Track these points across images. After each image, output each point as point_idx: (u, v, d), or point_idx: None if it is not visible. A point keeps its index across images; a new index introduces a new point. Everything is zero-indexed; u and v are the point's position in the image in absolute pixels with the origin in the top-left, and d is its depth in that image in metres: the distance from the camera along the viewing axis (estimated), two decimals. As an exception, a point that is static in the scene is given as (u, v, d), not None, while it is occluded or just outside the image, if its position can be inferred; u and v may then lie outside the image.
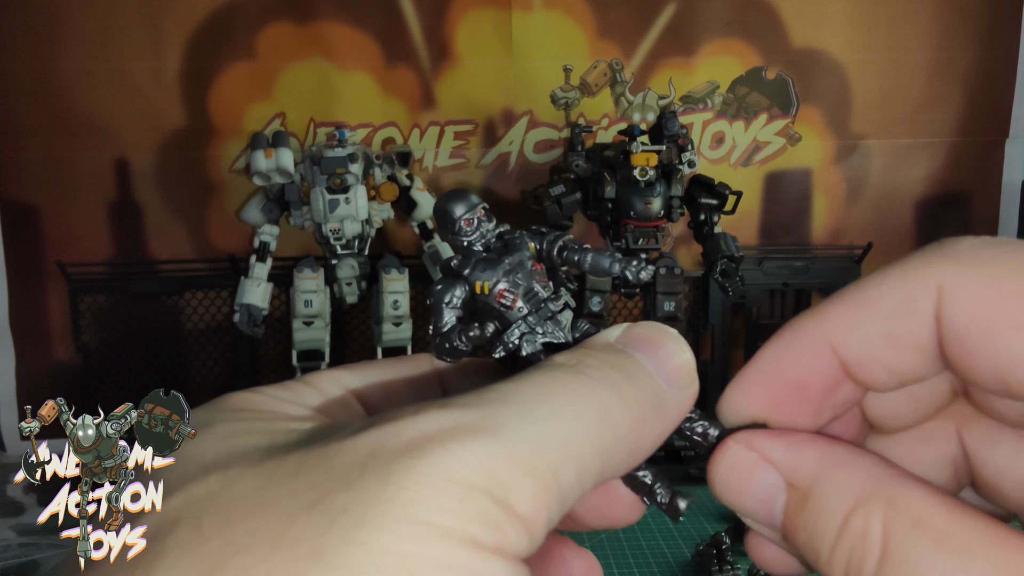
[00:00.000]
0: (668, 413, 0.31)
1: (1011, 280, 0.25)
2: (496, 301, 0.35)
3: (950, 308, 0.26)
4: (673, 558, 1.07)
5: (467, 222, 0.35)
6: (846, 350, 0.29)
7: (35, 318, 1.55)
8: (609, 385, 0.29)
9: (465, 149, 1.59)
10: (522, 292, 0.35)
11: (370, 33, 1.53)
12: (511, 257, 0.35)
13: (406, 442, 0.24)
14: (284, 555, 0.22)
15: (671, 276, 1.36)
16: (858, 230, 1.66)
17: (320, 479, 0.23)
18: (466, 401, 0.26)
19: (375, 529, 0.22)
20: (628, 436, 0.29)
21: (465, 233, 0.36)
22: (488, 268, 0.35)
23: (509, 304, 0.35)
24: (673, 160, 1.31)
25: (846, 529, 0.27)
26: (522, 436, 0.25)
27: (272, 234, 1.38)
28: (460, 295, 0.35)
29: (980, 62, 1.63)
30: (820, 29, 1.60)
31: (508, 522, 0.24)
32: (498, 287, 0.35)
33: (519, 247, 0.36)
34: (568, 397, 0.28)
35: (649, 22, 1.58)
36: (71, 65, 1.48)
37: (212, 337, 1.58)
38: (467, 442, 0.24)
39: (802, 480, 0.29)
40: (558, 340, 0.35)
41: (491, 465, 0.24)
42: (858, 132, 1.64)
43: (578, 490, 0.27)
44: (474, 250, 0.36)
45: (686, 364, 0.32)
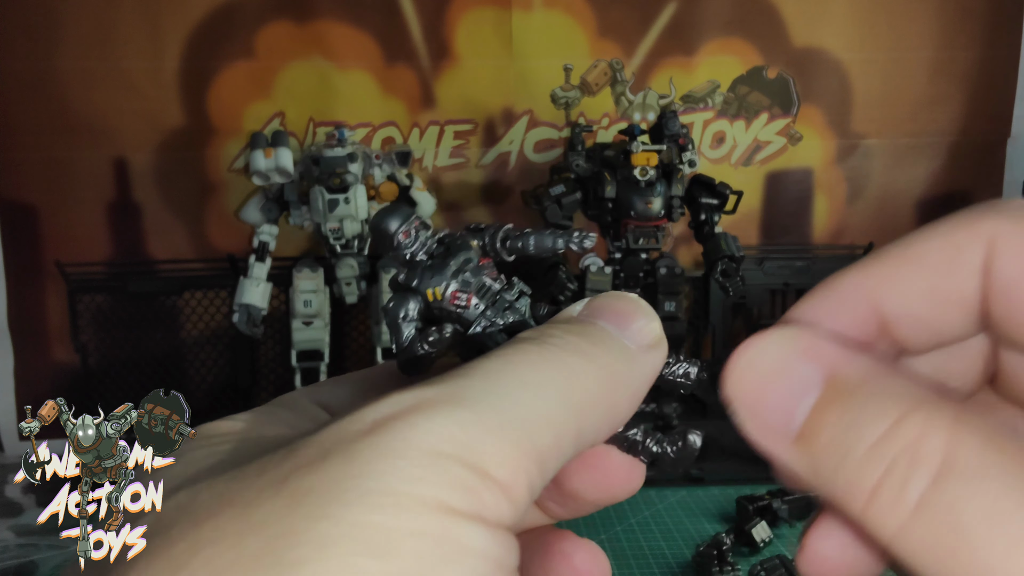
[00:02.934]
0: (640, 370, 0.30)
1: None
2: (451, 304, 0.35)
3: (1001, 261, 0.25)
4: (673, 558, 1.06)
5: (404, 234, 0.35)
6: (887, 304, 0.28)
7: (34, 318, 1.55)
8: (574, 350, 0.28)
9: (465, 149, 1.59)
10: (474, 290, 0.35)
11: (370, 32, 1.53)
12: (456, 259, 0.35)
13: (370, 423, 0.24)
14: (252, 541, 0.21)
15: (671, 276, 1.36)
16: (859, 230, 1.66)
17: (283, 470, 0.23)
18: (429, 381, 0.26)
19: (343, 504, 0.21)
20: (601, 395, 0.28)
21: (405, 246, 0.35)
22: (436, 274, 0.35)
23: (464, 304, 0.35)
24: (674, 160, 1.31)
25: (895, 431, 0.23)
26: (490, 404, 0.25)
27: (271, 234, 1.38)
28: (414, 307, 0.35)
29: (981, 61, 1.63)
30: (821, 28, 1.60)
31: (485, 487, 0.23)
32: (449, 290, 0.35)
33: (462, 247, 0.36)
34: (534, 365, 0.27)
35: (649, 21, 1.58)
36: (70, 64, 1.48)
37: (211, 337, 1.58)
38: (432, 414, 0.24)
39: (852, 374, 0.26)
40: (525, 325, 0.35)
41: (460, 433, 0.24)
42: (859, 131, 1.64)
43: (556, 454, 0.26)
44: (417, 260, 0.36)
45: (649, 323, 0.31)
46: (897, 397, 0.24)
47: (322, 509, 0.21)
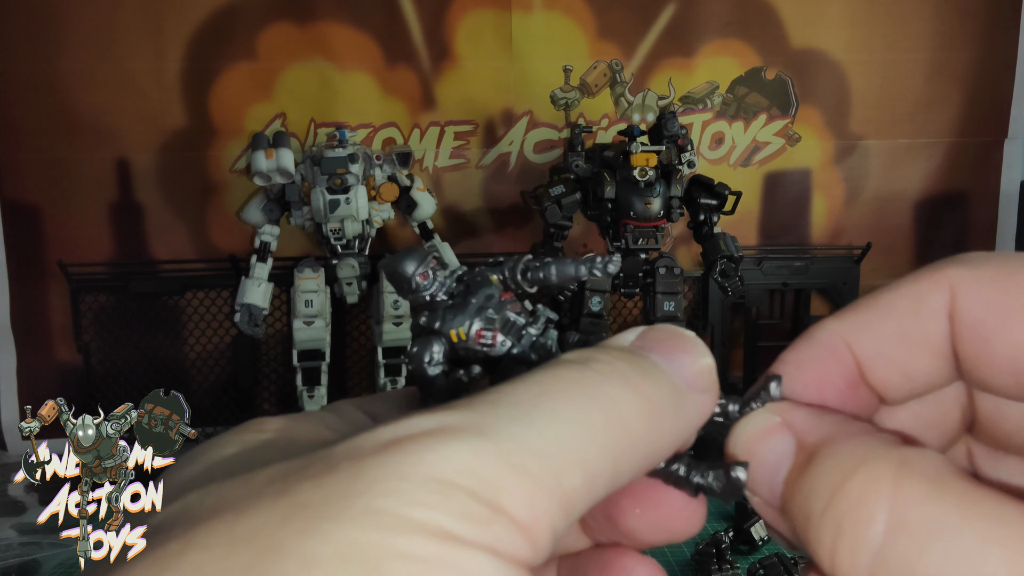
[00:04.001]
0: (687, 413, 0.29)
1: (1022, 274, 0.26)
2: (476, 343, 0.33)
3: (963, 301, 0.27)
4: (673, 558, 1.07)
5: (422, 276, 0.34)
6: (860, 347, 0.29)
7: (36, 318, 1.55)
8: (620, 380, 0.27)
9: (465, 149, 1.60)
10: (499, 326, 0.34)
11: (370, 34, 1.54)
12: (477, 296, 0.34)
13: (384, 443, 0.23)
14: (240, 550, 0.21)
15: (671, 276, 1.36)
16: (857, 230, 1.66)
17: (288, 482, 0.23)
18: (454, 404, 0.25)
19: (338, 521, 0.21)
20: (642, 436, 0.26)
21: (424, 288, 0.34)
22: (458, 314, 0.34)
23: (490, 342, 0.33)
24: (673, 160, 1.31)
25: (841, 492, 0.24)
26: (514, 437, 0.23)
27: (273, 234, 1.38)
28: (439, 350, 0.34)
29: (979, 62, 1.63)
30: (819, 30, 1.60)
31: (499, 523, 0.22)
32: (474, 329, 0.33)
33: (482, 283, 0.35)
34: (570, 395, 0.25)
35: (649, 23, 1.58)
36: (73, 66, 1.48)
37: (213, 337, 1.58)
38: (450, 442, 0.23)
39: (811, 438, 0.27)
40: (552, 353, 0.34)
41: (477, 465, 0.23)
42: (857, 132, 1.65)
43: (587, 496, 0.25)
44: (438, 301, 0.34)
45: (706, 366, 0.30)
46: (845, 457, 0.25)
47: (315, 524, 0.21)
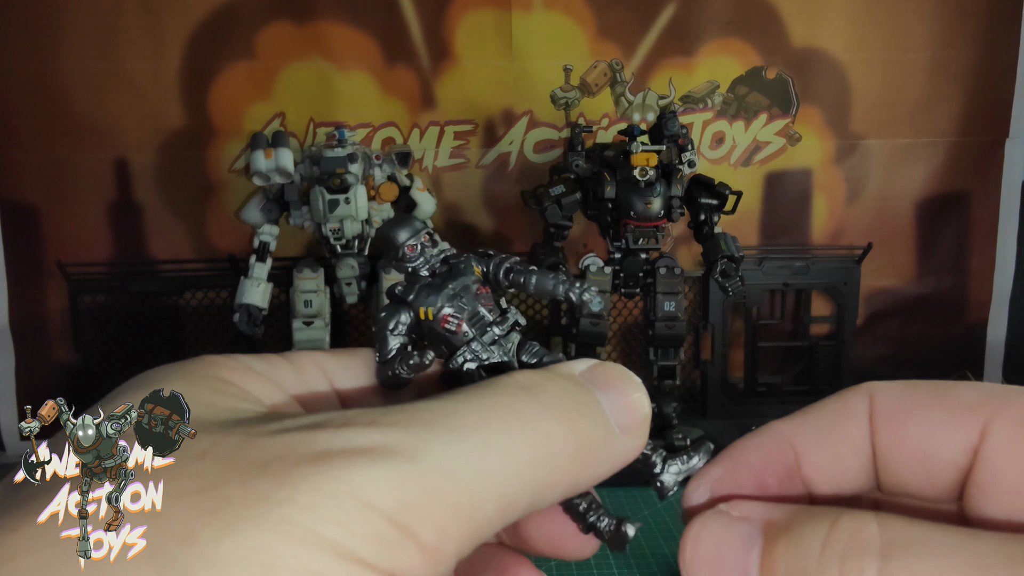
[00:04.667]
0: (613, 457, 0.30)
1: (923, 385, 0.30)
2: (440, 327, 0.35)
3: (878, 403, 0.30)
4: (673, 558, 1.06)
5: (410, 248, 0.35)
6: (798, 441, 0.32)
7: (35, 318, 1.55)
8: (560, 417, 0.28)
9: (465, 149, 1.59)
10: (467, 316, 0.35)
11: (370, 33, 1.54)
12: (455, 282, 0.35)
13: (317, 452, 0.24)
14: (154, 533, 0.22)
15: (671, 276, 1.36)
16: (858, 230, 1.66)
17: (221, 467, 0.23)
18: (395, 419, 0.26)
19: (253, 524, 0.22)
20: (567, 473, 0.28)
21: (409, 259, 0.35)
22: (432, 293, 0.35)
23: (454, 329, 0.34)
24: (673, 160, 1.31)
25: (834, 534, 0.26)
26: (441, 464, 0.25)
27: (272, 234, 1.38)
28: (405, 321, 0.35)
29: (980, 61, 1.63)
30: (820, 29, 1.60)
31: (404, 548, 0.23)
32: (442, 312, 0.34)
33: (464, 271, 0.36)
34: (508, 427, 0.27)
35: (649, 22, 1.58)
36: (71, 65, 1.48)
37: (212, 337, 1.58)
38: (377, 463, 0.24)
39: (781, 515, 0.29)
40: (507, 365, 0.35)
41: (398, 489, 0.23)
42: (858, 132, 1.64)
43: (500, 523, 0.26)
44: (419, 275, 0.36)
45: (642, 414, 0.31)
46: (822, 513, 0.27)
47: (232, 524, 0.21)
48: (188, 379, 0.29)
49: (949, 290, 1.71)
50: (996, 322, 1.71)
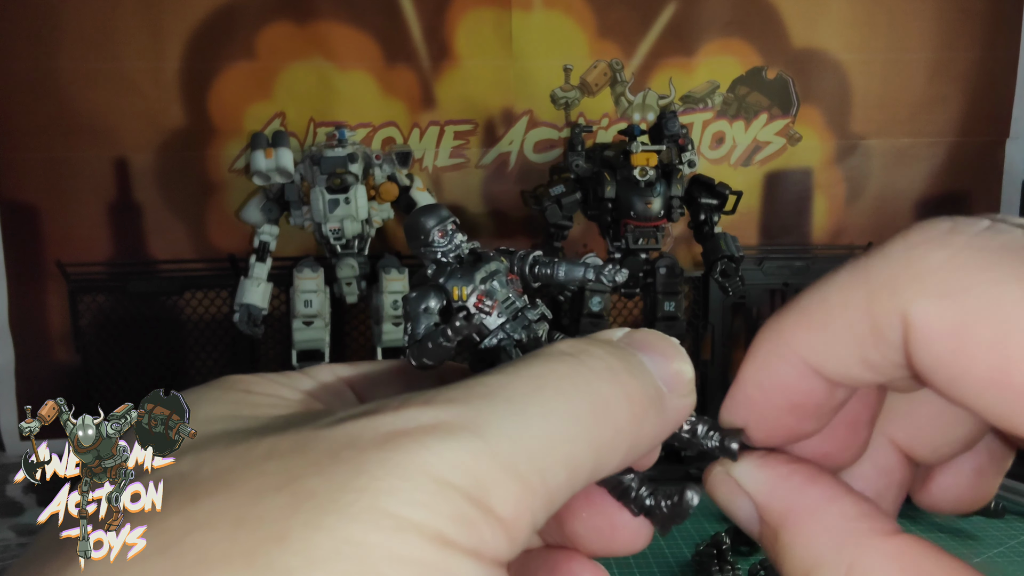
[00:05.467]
0: (666, 414, 0.30)
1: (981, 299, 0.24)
2: (474, 307, 0.35)
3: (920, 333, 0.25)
4: (673, 558, 1.06)
5: (440, 233, 0.35)
6: (815, 357, 0.28)
7: (35, 318, 1.55)
8: (611, 377, 0.28)
9: (465, 149, 1.59)
10: (499, 299, 0.35)
11: (370, 33, 1.53)
12: (486, 266, 0.35)
13: (384, 435, 0.24)
14: (245, 535, 0.21)
15: (671, 276, 1.36)
16: (858, 230, 1.66)
17: (292, 463, 0.23)
18: (451, 396, 0.26)
19: (343, 517, 0.21)
20: (626, 432, 0.28)
21: (438, 244, 0.35)
22: (464, 276, 0.35)
23: (487, 310, 0.34)
24: (673, 160, 1.31)
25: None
26: (507, 435, 0.24)
27: (272, 234, 1.38)
28: (436, 303, 0.35)
29: (980, 62, 1.63)
30: (820, 29, 1.60)
31: (485, 523, 0.23)
32: (475, 293, 0.35)
33: (492, 259, 0.36)
34: (563, 391, 0.27)
35: (649, 22, 1.58)
36: (71, 65, 1.48)
37: (212, 337, 1.58)
38: (447, 440, 0.24)
39: (771, 520, 0.29)
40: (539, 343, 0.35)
41: (471, 464, 0.23)
42: (858, 132, 1.65)
43: (568, 490, 0.26)
44: (447, 262, 0.36)
45: (687, 373, 0.31)
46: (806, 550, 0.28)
47: (320, 518, 0.21)
48: (222, 394, 0.29)
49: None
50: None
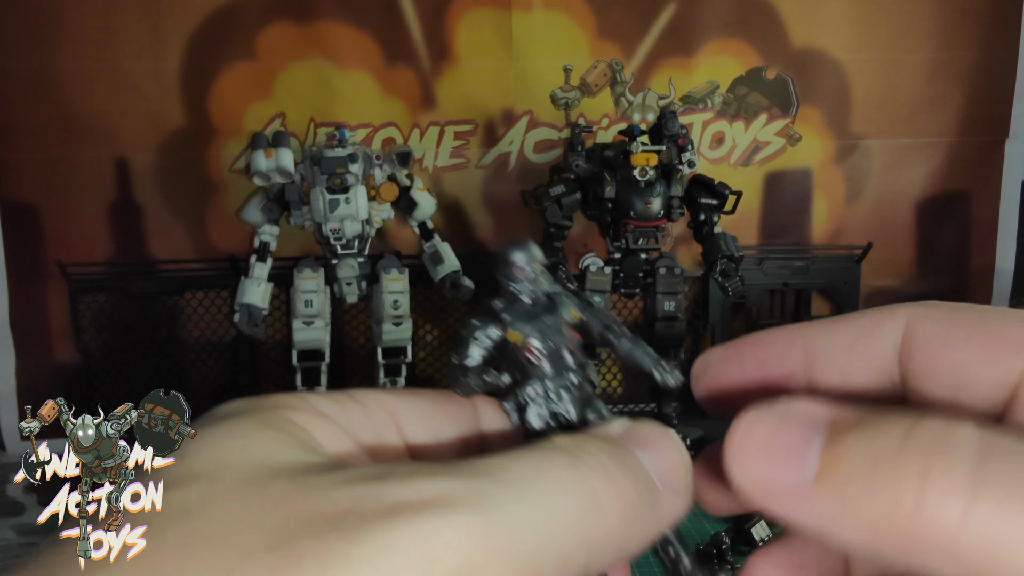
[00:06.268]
0: (660, 515, 0.30)
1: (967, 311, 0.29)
2: (523, 354, 0.35)
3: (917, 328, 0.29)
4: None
5: (520, 271, 0.35)
6: (814, 346, 0.31)
7: (35, 318, 1.55)
8: (603, 474, 0.28)
9: (465, 149, 1.59)
10: (550, 353, 0.35)
11: (370, 33, 1.54)
12: (552, 317, 0.35)
13: (387, 506, 0.24)
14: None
15: (671, 276, 1.36)
16: (858, 230, 1.66)
17: (291, 521, 0.23)
18: (457, 470, 0.26)
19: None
20: (617, 531, 0.28)
21: (516, 280, 0.35)
22: (528, 321, 0.35)
23: (535, 361, 0.34)
24: (673, 160, 1.31)
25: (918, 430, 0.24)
26: (506, 516, 0.24)
27: (272, 234, 1.38)
28: (492, 336, 0.35)
29: (980, 62, 1.63)
30: (820, 29, 1.60)
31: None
32: (530, 340, 0.34)
33: (562, 311, 0.36)
34: (559, 481, 0.27)
35: (649, 22, 1.58)
36: (71, 65, 1.48)
37: (212, 337, 1.58)
38: (447, 515, 0.24)
39: (847, 416, 0.27)
40: (568, 416, 0.35)
41: (467, 543, 0.23)
42: (858, 132, 1.65)
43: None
44: (519, 299, 0.35)
45: (683, 469, 0.31)
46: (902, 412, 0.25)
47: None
48: (261, 420, 0.29)
49: (949, 290, 1.71)
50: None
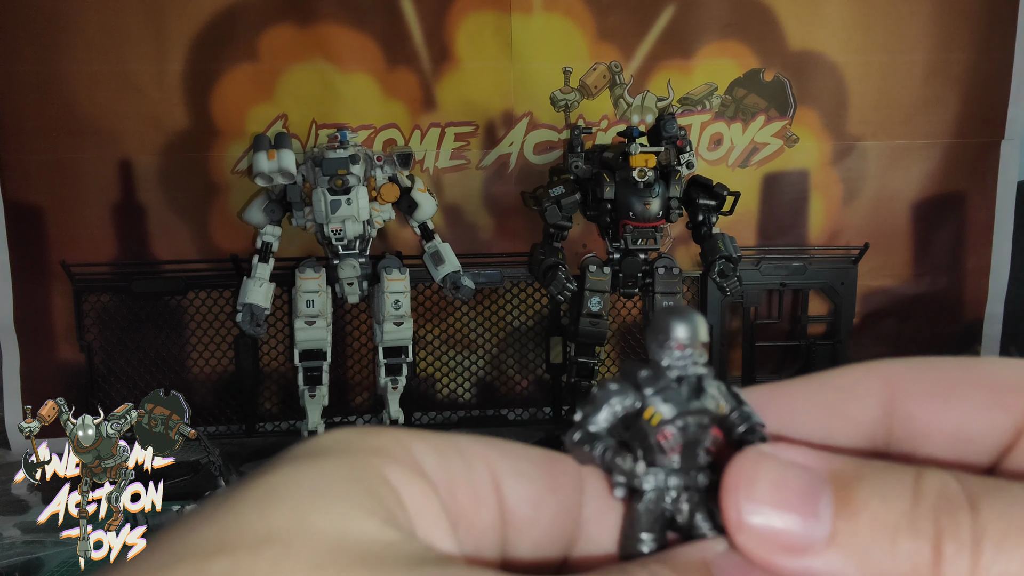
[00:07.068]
0: None
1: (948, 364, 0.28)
2: (655, 438, 0.30)
3: (901, 391, 0.28)
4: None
5: (679, 347, 0.31)
6: (789, 409, 0.30)
7: (40, 318, 1.56)
8: None
9: (465, 150, 1.60)
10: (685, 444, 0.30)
11: (371, 35, 1.54)
12: (699, 403, 0.31)
13: None
14: None
15: (670, 276, 1.37)
16: (855, 231, 1.67)
17: None
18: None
19: None
20: None
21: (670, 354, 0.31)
22: (670, 401, 0.30)
23: (665, 450, 0.30)
24: (672, 161, 1.32)
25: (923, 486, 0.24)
26: None
27: (274, 235, 1.38)
28: (627, 405, 0.31)
29: (976, 64, 1.63)
30: (817, 31, 1.61)
31: None
32: (667, 427, 0.30)
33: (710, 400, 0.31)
34: None
35: (648, 25, 1.58)
36: (75, 67, 1.49)
37: (215, 337, 1.59)
38: None
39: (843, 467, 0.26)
40: (681, 519, 0.30)
41: None
42: (855, 133, 1.65)
43: None
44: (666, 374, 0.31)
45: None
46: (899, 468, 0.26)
47: None
48: (353, 474, 0.23)
49: (945, 290, 1.71)
50: (992, 322, 1.72)
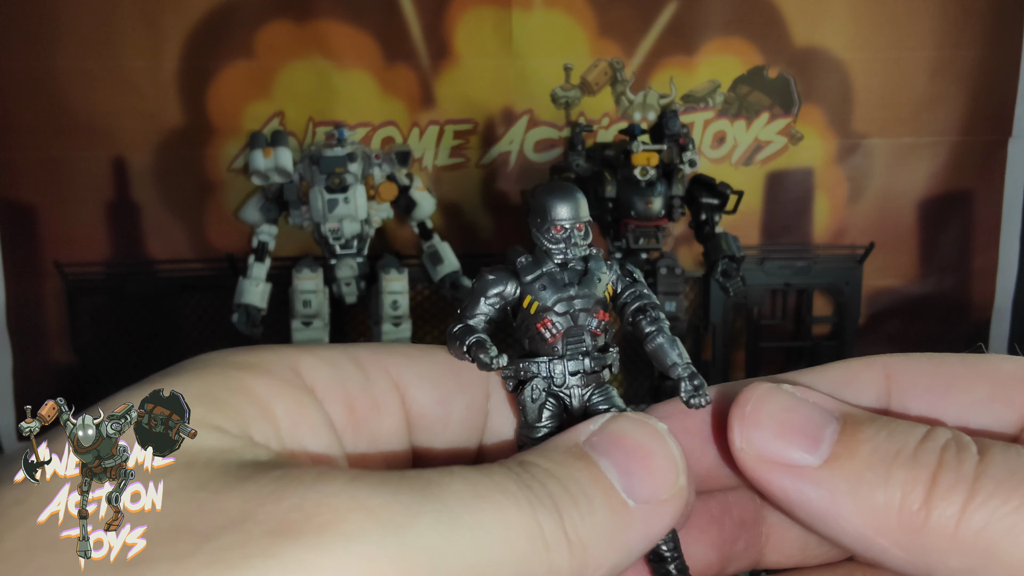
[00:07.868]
0: (629, 537, 0.26)
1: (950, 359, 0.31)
2: (536, 327, 0.30)
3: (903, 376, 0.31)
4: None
5: (558, 228, 0.30)
6: None
7: (33, 318, 1.55)
8: (550, 507, 0.25)
9: (465, 148, 1.59)
10: (567, 331, 0.30)
11: (369, 32, 1.53)
12: (582, 290, 0.30)
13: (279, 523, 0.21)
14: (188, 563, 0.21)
15: (672, 276, 1.36)
16: (860, 230, 1.66)
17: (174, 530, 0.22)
18: (386, 479, 0.23)
19: None
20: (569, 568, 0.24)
21: (551, 238, 0.31)
22: (551, 288, 0.30)
23: (548, 337, 0.30)
24: (674, 159, 1.31)
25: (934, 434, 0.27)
26: (428, 545, 0.22)
27: (271, 234, 1.38)
28: (507, 295, 0.31)
29: (983, 61, 1.63)
30: (822, 27, 1.60)
31: None
32: (546, 314, 0.30)
33: (596, 283, 0.31)
34: (501, 511, 0.23)
35: (650, 21, 1.57)
36: (69, 64, 1.48)
37: (210, 337, 1.58)
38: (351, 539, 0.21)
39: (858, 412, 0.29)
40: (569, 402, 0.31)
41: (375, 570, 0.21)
42: (860, 131, 1.64)
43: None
44: (550, 258, 0.31)
45: (669, 473, 0.27)
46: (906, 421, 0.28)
47: None
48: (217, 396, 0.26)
49: (952, 290, 1.71)
50: (999, 322, 1.71)
